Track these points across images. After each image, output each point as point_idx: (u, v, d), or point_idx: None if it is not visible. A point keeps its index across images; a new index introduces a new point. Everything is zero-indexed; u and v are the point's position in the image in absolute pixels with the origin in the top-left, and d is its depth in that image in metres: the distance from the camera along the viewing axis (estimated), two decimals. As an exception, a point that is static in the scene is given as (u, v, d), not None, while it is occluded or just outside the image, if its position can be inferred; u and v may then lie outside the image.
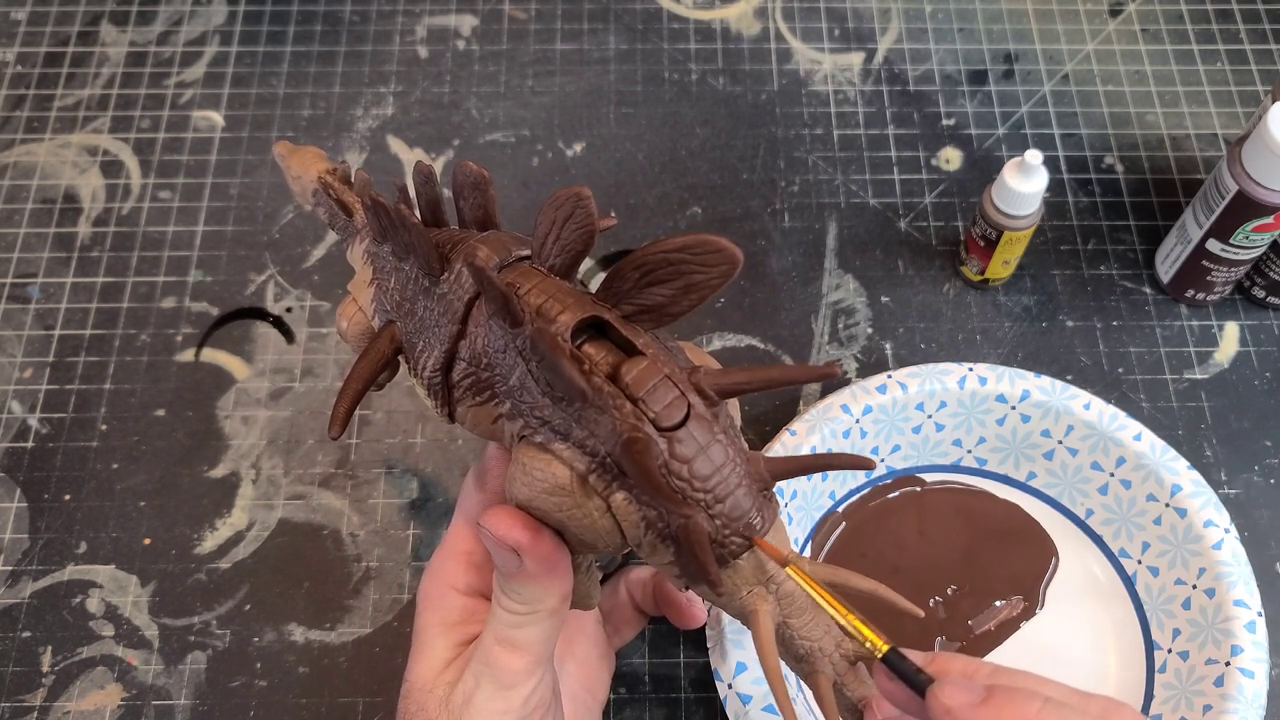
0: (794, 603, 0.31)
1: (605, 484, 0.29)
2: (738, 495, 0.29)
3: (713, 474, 0.29)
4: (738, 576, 0.30)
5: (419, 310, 0.35)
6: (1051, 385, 0.47)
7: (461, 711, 0.33)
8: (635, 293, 0.31)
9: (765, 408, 0.53)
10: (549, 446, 0.30)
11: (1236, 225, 0.49)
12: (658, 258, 0.30)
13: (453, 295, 0.33)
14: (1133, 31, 0.65)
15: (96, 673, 0.47)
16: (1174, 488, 0.45)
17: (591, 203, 0.30)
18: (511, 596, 0.32)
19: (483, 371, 0.32)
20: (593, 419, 0.29)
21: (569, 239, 0.31)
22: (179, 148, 0.61)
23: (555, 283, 0.32)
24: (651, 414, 0.28)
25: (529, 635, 0.33)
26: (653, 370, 0.29)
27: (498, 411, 0.32)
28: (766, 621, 0.30)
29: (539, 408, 0.30)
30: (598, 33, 0.65)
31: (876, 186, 0.59)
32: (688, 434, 0.29)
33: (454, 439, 0.52)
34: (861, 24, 0.65)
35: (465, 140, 0.61)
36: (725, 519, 0.29)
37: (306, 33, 0.65)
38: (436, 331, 0.34)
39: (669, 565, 0.30)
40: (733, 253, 0.29)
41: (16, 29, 0.65)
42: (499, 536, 0.31)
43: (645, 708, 0.46)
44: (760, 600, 0.30)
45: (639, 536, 0.30)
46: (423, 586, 0.36)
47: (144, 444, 0.52)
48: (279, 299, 0.56)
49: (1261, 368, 0.54)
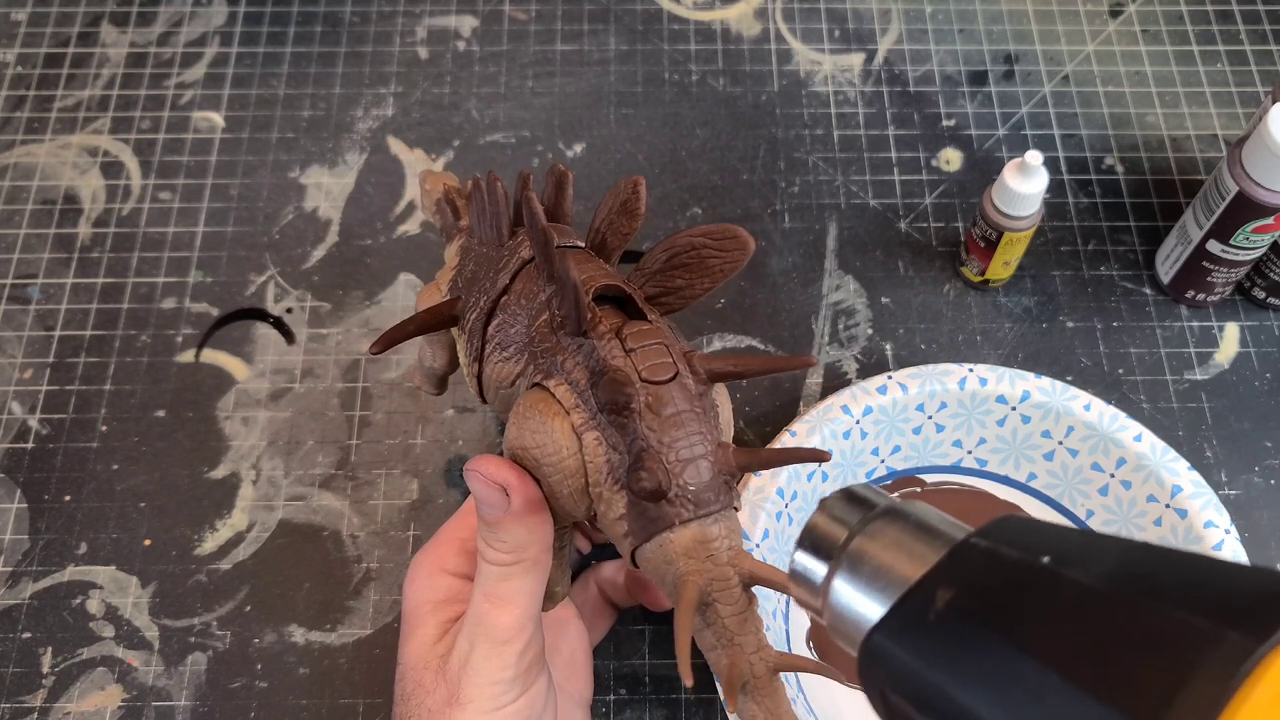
0: (725, 588, 0.30)
1: (583, 421, 0.31)
2: (700, 466, 0.30)
3: (681, 438, 0.30)
4: (678, 544, 0.30)
5: (481, 275, 0.38)
6: (1052, 386, 0.47)
7: (460, 675, 0.33)
8: (661, 274, 0.34)
9: (766, 408, 0.53)
10: (546, 383, 0.32)
11: (1237, 226, 0.49)
12: (684, 241, 0.33)
13: (510, 257, 0.37)
14: (1133, 32, 0.65)
15: (97, 674, 0.47)
16: (1174, 488, 0.45)
17: (644, 188, 0.35)
18: (496, 546, 0.33)
19: (514, 324, 0.35)
20: (588, 359, 0.31)
21: (619, 221, 0.36)
22: (179, 148, 0.61)
23: (597, 263, 0.36)
24: (640, 366, 0.31)
25: (515, 587, 0.33)
26: (652, 333, 0.32)
27: (517, 369, 0.35)
28: (693, 588, 0.30)
29: (550, 349, 0.33)
30: (598, 33, 0.65)
31: (877, 187, 0.59)
32: (668, 392, 0.30)
33: (454, 439, 0.52)
34: (862, 25, 0.65)
35: (465, 141, 0.61)
36: (681, 481, 0.30)
37: (307, 34, 0.65)
38: (487, 287, 0.37)
39: (620, 520, 0.31)
40: (745, 239, 0.32)
41: (17, 30, 0.65)
42: (489, 474, 0.32)
43: (645, 708, 0.46)
44: (693, 571, 0.30)
45: (600, 481, 0.31)
46: (412, 570, 0.37)
47: (144, 445, 0.52)
48: (279, 300, 0.56)
49: (1262, 368, 0.54)
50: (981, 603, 0.20)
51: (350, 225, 0.58)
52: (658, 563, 0.31)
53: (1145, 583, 0.18)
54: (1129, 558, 0.19)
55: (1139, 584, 0.18)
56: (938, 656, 0.19)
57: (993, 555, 0.20)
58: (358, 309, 0.56)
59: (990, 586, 0.20)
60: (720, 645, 0.31)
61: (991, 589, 0.20)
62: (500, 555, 0.33)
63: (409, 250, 0.57)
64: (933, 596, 0.20)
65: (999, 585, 0.20)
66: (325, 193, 0.59)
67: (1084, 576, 0.18)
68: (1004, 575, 0.20)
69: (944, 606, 0.20)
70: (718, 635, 0.31)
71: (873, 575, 0.22)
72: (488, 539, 0.33)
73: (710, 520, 0.30)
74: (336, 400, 0.53)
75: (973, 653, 0.19)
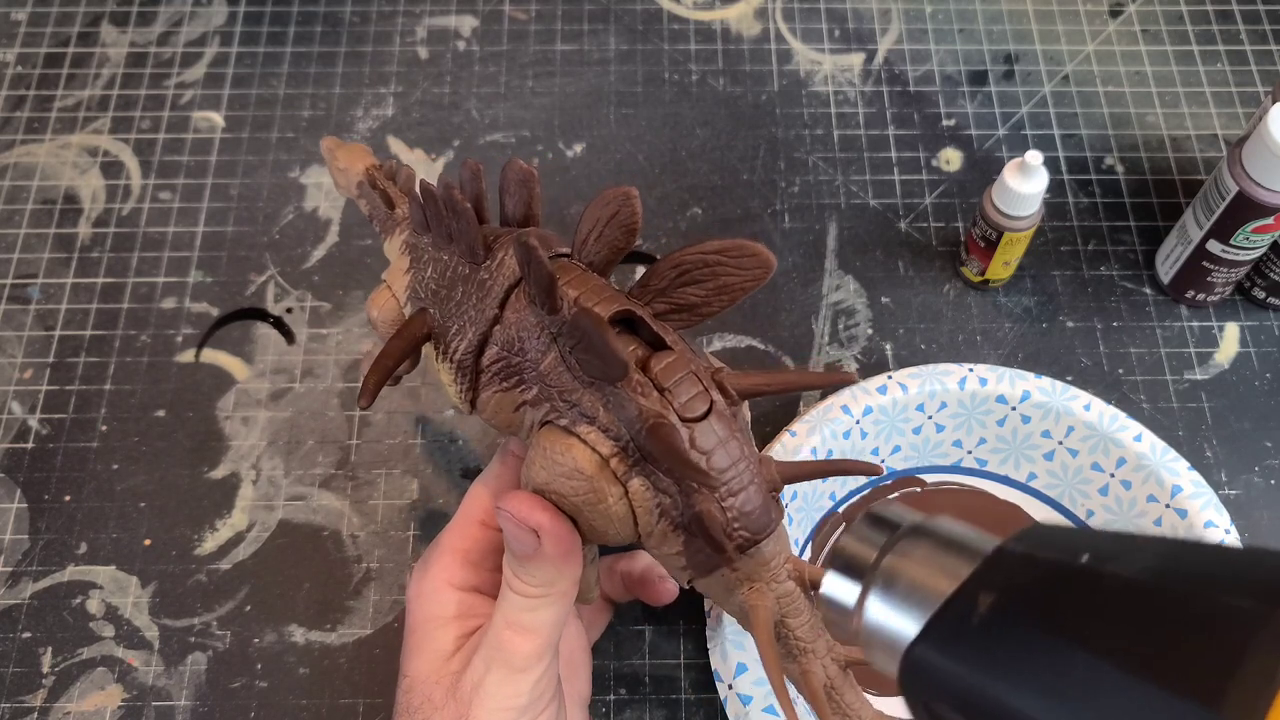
0: (792, 603, 0.31)
1: (625, 469, 0.30)
2: (750, 491, 0.30)
3: (729, 468, 0.30)
4: (741, 572, 0.30)
5: (456, 295, 0.35)
6: (1052, 386, 0.47)
7: (471, 697, 0.33)
8: (670, 291, 0.32)
9: (766, 408, 0.53)
10: (574, 429, 0.31)
11: (1237, 226, 0.49)
12: (695, 258, 0.31)
13: (493, 281, 0.34)
14: (1133, 32, 0.65)
15: (97, 674, 0.47)
16: (1174, 488, 0.45)
17: (638, 202, 0.32)
18: (525, 580, 0.32)
19: (514, 356, 0.33)
20: (620, 404, 0.30)
21: (612, 235, 0.33)
22: (179, 148, 0.61)
23: (592, 277, 0.33)
24: (676, 405, 0.29)
25: (540, 618, 0.33)
26: (680, 364, 0.30)
27: (522, 399, 0.33)
28: (767, 617, 0.30)
29: (568, 391, 0.31)
30: (598, 33, 0.65)
31: (877, 187, 0.59)
32: (709, 427, 0.30)
33: (454, 440, 0.52)
34: (862, 25, 0.65)
35: (465, 141, 0.61)
36: (737, 512, 0.29)
37: (307, 33, 0.65)
38: (473, 315, 0.34)
39: (676, 555, 0.31)
40: (767, 257, 0.31)
41: (17, 29, 0.65)
42: (520, 518, 0.31)
43: (645, 708, 0.46)
44: (760, 596, 0.30)
45: (651, 525, 0.30)
46: (415, 584, 0.36)
47: (144, 445, 0.52)
48: (279, 300, 0.56)
49: (1262, 368, 0.54)
50: (1025, 602, 0.20)
51: (350, 225, 0.58)
52: (718, 591, 0.31)
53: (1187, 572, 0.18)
54: (1167, 551, 0.19)
55: (1182, 574, 0.18)
56: (984, 660, 0.19)
57: (1030, 558, 0.20)
58: (358, 309, 0.56)
59: (1032, 586, 0.20)
60: (793, 656, 0.31)
61: (1034, 589, 0.20)
62: (528, 589, 0.33)
63: (409, 250, 0.57)
64: (974, 602, 0.20)
65: (1041, 585, 0.20)
66: (325, 193, 0.59)
67: (1126, 570, 0.19)
68: (1044, 575, 0.20)
69: (987, 610, 0.20)
70: (789, 649, 0.31)
71: (908, 590, 0.22)
72: (516, 571, 0.33)
73: (766, 542, 0.30)
74: (336, 400, 0.53)
75: (1020, 653, 0.19)
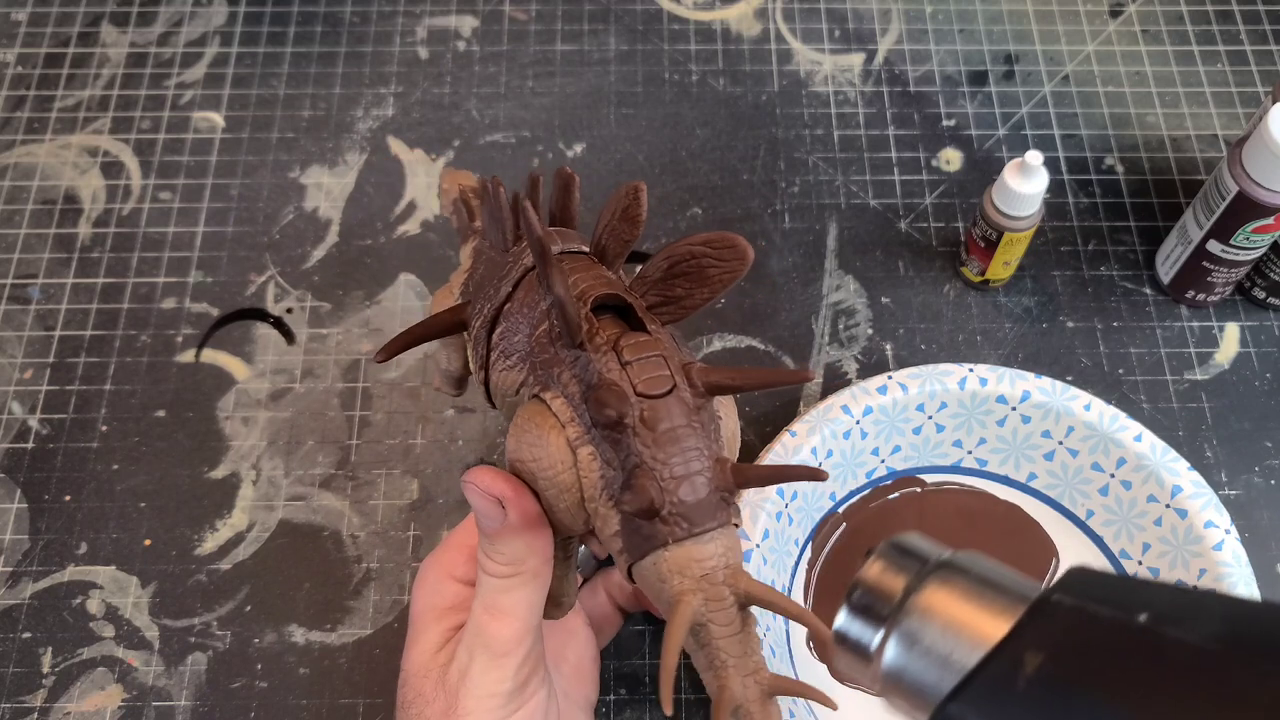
0: (721, 610, 0.30)
1: (578, 435, 0.31)
2: (695, 482, 0.30)
3: (676, 454, 0.29)
4: (671, 563, 0.30)
5: (487, 281, 0.38)
6: (1052, 386, 0.47)
7: (458, 687, 0.33)
8: (661, 283, 0.33)
9: (765, 408, 0.53)
10: (543, 395, 0.32)
11: (1237, 226, 0.49)
12: (684, 250, 0.32)
13: (513, 264, 0.37)
14: (1133, 32, 0.65)
15: (97, 674, 0.47)
16: (1174, 489, 0.45)
17: (644, 195, 0.34)
18: (495, 557, 0.33)
19: (514, 334, 0.35)
20: (584, 372, 0.31)
21: (619, 227, 0.34)
22: (179, 149, 0.61)
23: (599, 270, 0.35)
24: (637, 380, 0.30)
25: (515, 599, 0.33)
26: (650, 345, 0.31)
27: (519, 379, 0.34)
28: (687, 611, 0.29)
29: (550, 362, 0.32)
30: (598, 34, 0.65)
31: (877, 187, 0.59)
32: (664, 406, 0.30)
33: (454, 439, 0.52)
34: (862, 25, 0.65)
35: (466, 141, 0.61)
36: (676, 498, 0.29)
37: (307, 34, 0.65)
38: (491, 295, 0.37)
39: (615, 537, 0.30)
40: (744, 249, 0.31)
41: (17, 30, 0.65)
42: (484, 486, 0.32)
43: (645, 708, 0.46)
44: (689, 593, 0.29)
45: (595, 497, 0.31)
46: (420, 575, 0.37)
47: (144, 445, 0.52)
48: (279, 300, 0.56)
49: (1262, 369, 0.54)
50: (1078, 667, 0.18)
51: (350, 225, 0.58)
52: (652, 580, 0.30)
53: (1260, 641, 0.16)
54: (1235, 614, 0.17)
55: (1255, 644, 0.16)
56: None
57: (1082, 613, 0.19)
58: (358, 309, 0.56)
59: (1085, 648, 0.18)
60: (713, 668, 0.30)
61: (1087, 651, 0.18)
62: (499, 567, 0.33)
63: (409, 250, 0.57)
64: (1019, 660, 0.18)
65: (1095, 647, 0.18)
66: (325, 193, 0.59)
67: (1191, 636, 0.17)
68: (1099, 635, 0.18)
69: (1034, 672, 0.18)
70: (710, 657, 0.30)
71: (940, 636, 0.20)
72: (487, 550, 0.33)
73: (705, 538, 0.30)
74: (336, 400, 0.53)
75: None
